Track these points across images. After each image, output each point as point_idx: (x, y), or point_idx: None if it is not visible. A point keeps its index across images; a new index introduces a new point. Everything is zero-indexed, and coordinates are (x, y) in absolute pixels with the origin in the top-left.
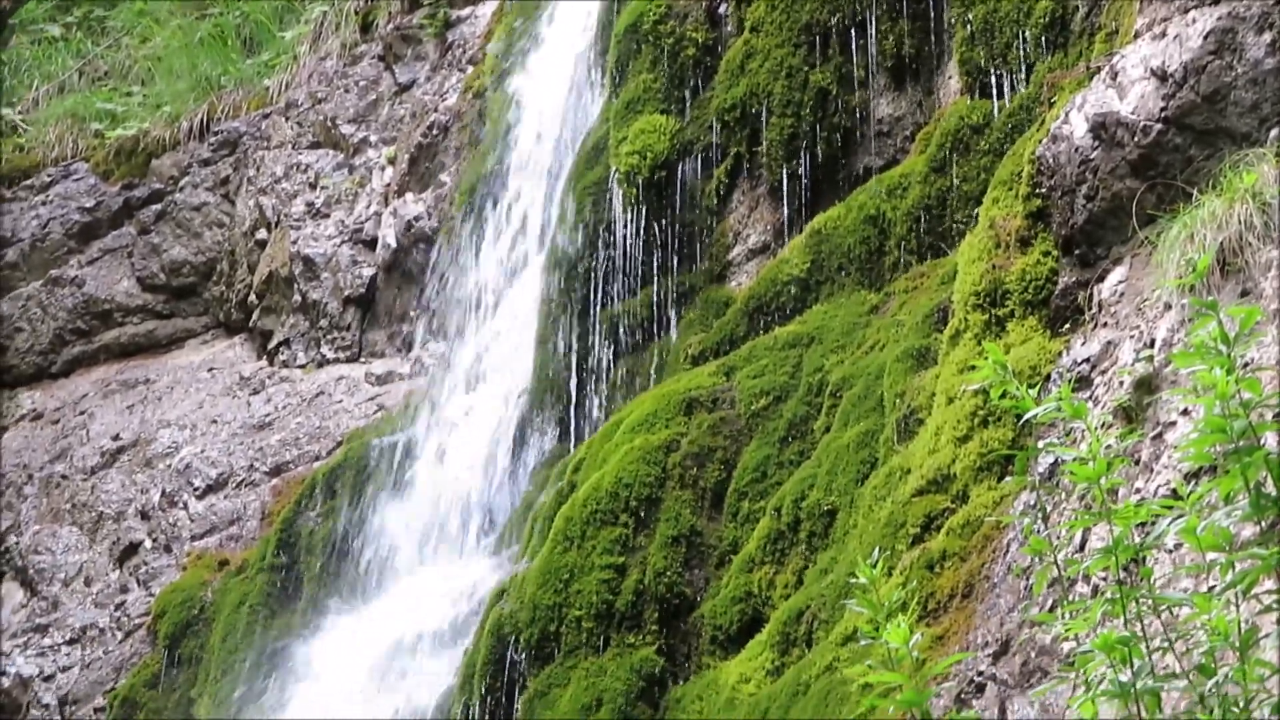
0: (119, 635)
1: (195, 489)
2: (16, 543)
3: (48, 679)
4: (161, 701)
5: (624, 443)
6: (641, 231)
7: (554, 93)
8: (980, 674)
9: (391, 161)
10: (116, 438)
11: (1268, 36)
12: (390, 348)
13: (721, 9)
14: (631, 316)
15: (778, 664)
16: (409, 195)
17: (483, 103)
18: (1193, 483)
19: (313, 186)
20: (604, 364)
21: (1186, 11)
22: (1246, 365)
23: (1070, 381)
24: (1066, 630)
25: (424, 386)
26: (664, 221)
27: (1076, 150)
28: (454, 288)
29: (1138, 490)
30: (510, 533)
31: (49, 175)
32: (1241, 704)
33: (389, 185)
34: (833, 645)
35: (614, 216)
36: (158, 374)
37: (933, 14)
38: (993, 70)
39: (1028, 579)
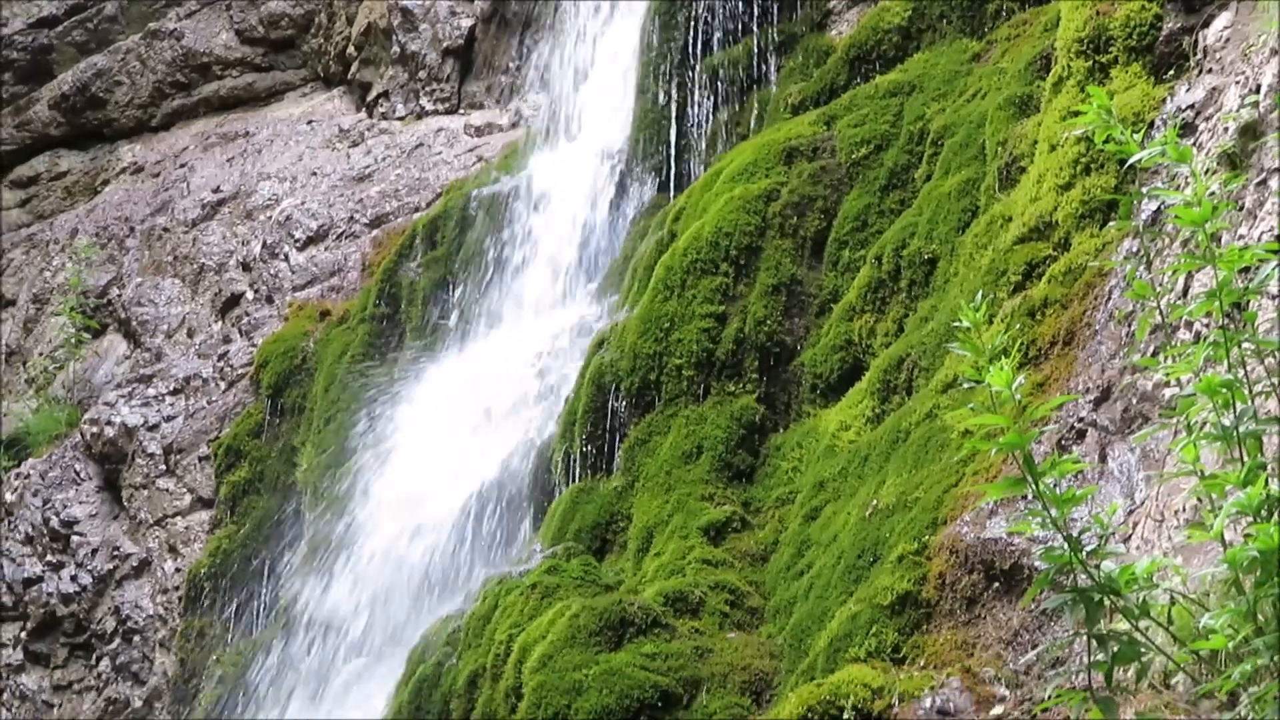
0: (222, 385)
1: (296, 240)
2: (119, 295)
3: (152, 428)
4: (265, 450)
5: (724, 192)
6: None
7: None
8: (1081, 420)
9: None
10: (217, 190)
11: None
12: (489, 99)
13: None
14: (731, 66)
15: (878, 411)
16: None
17: None
18: None
19: None
20: (703, 113)
21: None
22: None
23: (1175, 127)
24: (1169, 375)
25: (523, 137)
26: None
27: None
28: (553, 37)
29: (1241, 236)
30: (610, 281)
31: None
32: None
33: None
34: (933, 392)
35: None
36: (257, 127)
37: None
38: None
39: (1129, 325)
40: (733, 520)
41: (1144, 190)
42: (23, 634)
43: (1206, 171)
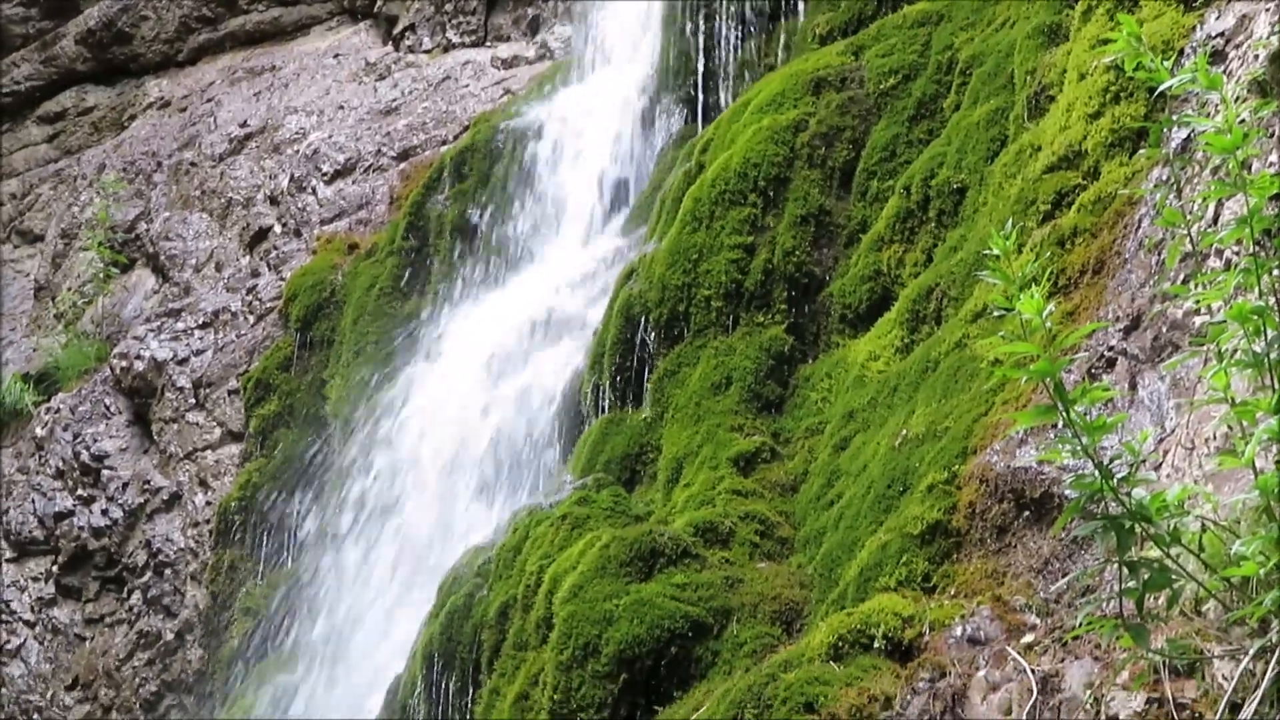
0: (251, 319)
1: (323, 174)
2: (147, 230)
3: (181, 362)
4: (294, 383)
5: (752, 123)
6: None
7: None
8: (1110, 349)
9: None
10: (244, 124)
11: None
12: (516, 31)
13: None
14: None
15: (907, 341)
16: None
17: None
18: None
19: None
20: (731, 44)
21: None
22: None
23: (1204, 55)
24: (1199, 303)
25: (550, 69)
26: None
27: None
28: None
29: (1272, 163)
30: (638, 214)
31: None
32: None
33: None
34: (962, 322)
35: None
36: (284, 61)
37: None
38: None
39: (1159, 254)
40: (762, 451)
41: (1174, 118)
42: (54, 567)
43: (1236, 99)
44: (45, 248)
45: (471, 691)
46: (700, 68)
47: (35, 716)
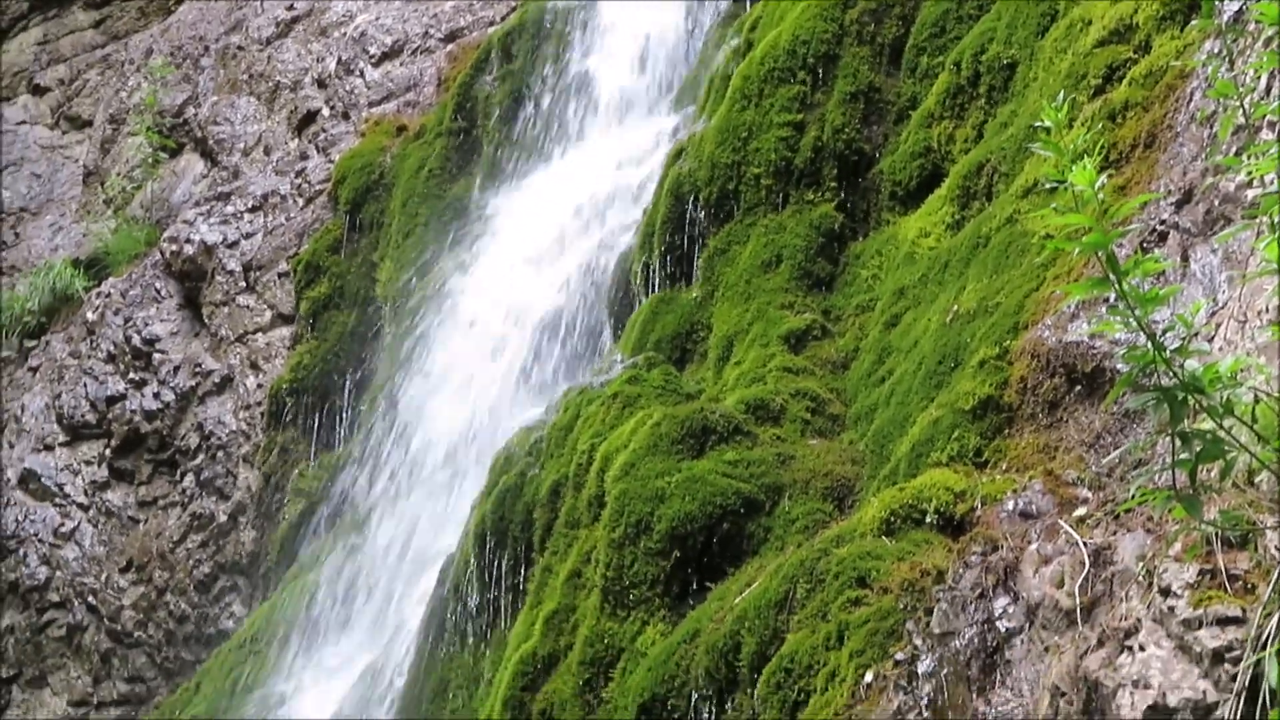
0: (300, 202)
1: (371, 56)
2: (195, 114)
3: (231, 245)
4: (344, 265)
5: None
6: None
7: None
8: (1162, 222)
9: None
10: (291, 7)
11: None
12: None
13: None
14: None
15: (957, 218)
16: None
17: None
18: None
19: None
20: None
21: None
22: None
23: None
24: (1252, 174)
25: None
26: None
27: None
28: None
29: None
30: (686, 93)
31: None
32: None
33: None
34: (1013, 198)
35: None
36: None
37: None
38: None
39: (1211, 126)
40: (813, 328)
41: None
42: (107, 451)
43: None
44: (94, 133)
45: (524, 570)
46: None
47: (90, 599)
